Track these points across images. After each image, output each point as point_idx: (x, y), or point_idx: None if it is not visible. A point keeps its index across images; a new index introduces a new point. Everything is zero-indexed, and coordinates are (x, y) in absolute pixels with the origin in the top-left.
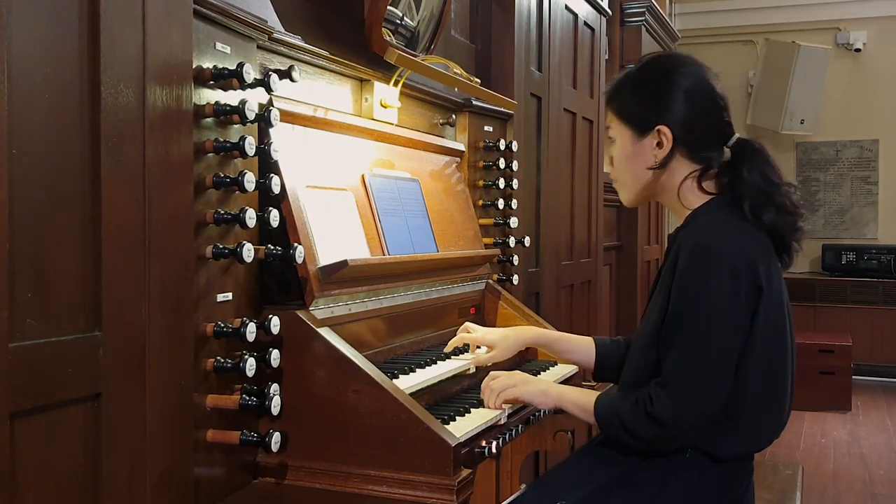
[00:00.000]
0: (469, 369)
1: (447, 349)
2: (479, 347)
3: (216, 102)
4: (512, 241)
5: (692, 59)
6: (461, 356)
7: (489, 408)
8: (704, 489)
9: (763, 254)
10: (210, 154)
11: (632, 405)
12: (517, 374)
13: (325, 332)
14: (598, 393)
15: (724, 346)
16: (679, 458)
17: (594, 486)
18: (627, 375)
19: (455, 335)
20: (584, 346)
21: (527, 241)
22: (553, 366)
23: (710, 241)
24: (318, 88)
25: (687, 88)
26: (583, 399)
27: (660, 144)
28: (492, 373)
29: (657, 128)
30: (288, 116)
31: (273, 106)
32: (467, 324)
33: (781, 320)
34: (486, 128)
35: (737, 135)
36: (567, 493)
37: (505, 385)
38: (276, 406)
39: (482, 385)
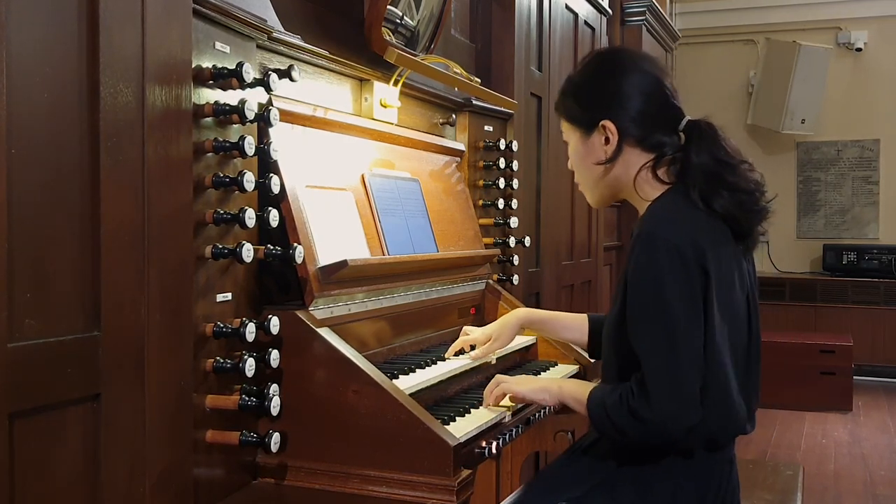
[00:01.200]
0: (490, 361)
1: (448, 354)
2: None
3: (215, 102)
4: (512, 241)
5: (631, 51)
6: (461, 356)
7: (486, 406)
8: (683, 488)
9: (712, 239)
10: (209, 154)
11: (616, 399)
12: (520, 376)
13: (325, 333)
14: (594, 386)
15: (688, 331)
16: (653, 459)
17: (575, 493)
18: (605, 370)
19: (455, 336)
20: (578, 323)
21: (527, 241)
22: (554, 366)
23: (652, 227)
24: (317, 88)
25: (625, 80)
26: (579, 393)
27: (607, 140)
28: (497, 376)
29: (601, 123)
30: (287, 116)
31: (272, 105)
32: (465, 328)
33: (733, 308)
34: (486, 127)
35: (687, 117)
36: (548, 500)
37: (510, 381)
38: (275, 406)
39: (491, 383)
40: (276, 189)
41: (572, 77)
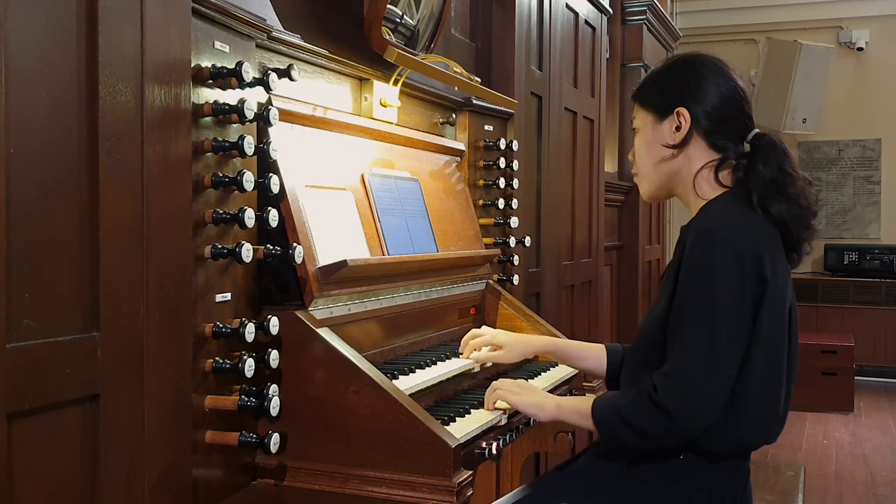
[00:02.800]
0: (473, 368)
1: (465, 353)
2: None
3: (215, 101)
4: (512, 241)
5: (715, 57)
6: (462, 357)
7: (486, 408)
8: (701, 492)
9: (769, 245)
10: (208, 153)
11: (633, 398)
12: (521, 382)
13: (325, 333)
14: (596, 397)
15: (731, 331)
16: (674, 460)
17: (587, 490)
18: (629, 371)
19: (456, 335)
20: (595, 353)
21: (527, 240)
22: (554, 366)
23: (714, 226)
24: (317, 87)
25: (707, 76)
26: (582, 405)
27: (678, 128)
28: (500, 378)
29: (676, 110)
30: (287, 115)
31: (272, 105)
32: (474, 331)
33: (782, 316)
34: (486, 127)
35: (756, 129)
36: (561, 498)
37: (506, 388)
38: (274, 407)
39: (489, 388)
40: (275, 189)
41: (655, 68)
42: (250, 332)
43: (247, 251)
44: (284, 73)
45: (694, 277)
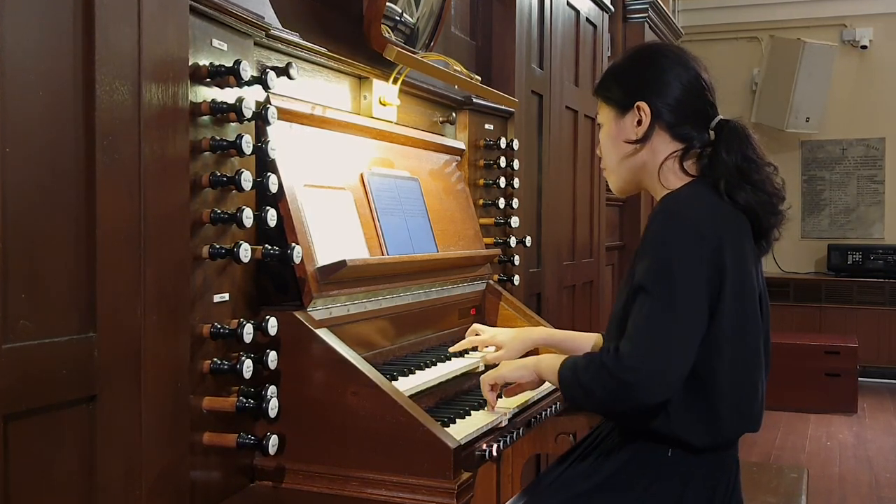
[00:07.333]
0: (478, 367)
1: (454, 349)
2: (486, 347)
3: (213, 100)
4: (513, 241)
5: (675, 46)
6: (466, 356)
7: (489, 403)
8: (690, 485)
9: (734, 232)
10: (206, 152)
11: (591, 359)
12: (502, 362)
13: (324, 334)
14: (568, 356)
15: (686, 306)
16: (663, 457)
17: (579, 489)
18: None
19: (456, 336)
20: (591, 341)
21: (528, 240)
22: None
23: (677, 207)
24: (316, 86)
25: (666, 68)
26: (555, 363)
27: (640, 122)
28: (482, 377)
29: (636, 104)
30: (285, 114)
31: (270, 104)
32: (475, 325)
33: (752, 304)
34: (486, 126)
35: (719, 116)
36: (553, 498)
37: (486, 377)
38: (273, 408)
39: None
40: (273, 188)
41: (615, 62)
42: (248, 332)
43: (245, 251)
44: (283, 72)
45: (652, 254)
